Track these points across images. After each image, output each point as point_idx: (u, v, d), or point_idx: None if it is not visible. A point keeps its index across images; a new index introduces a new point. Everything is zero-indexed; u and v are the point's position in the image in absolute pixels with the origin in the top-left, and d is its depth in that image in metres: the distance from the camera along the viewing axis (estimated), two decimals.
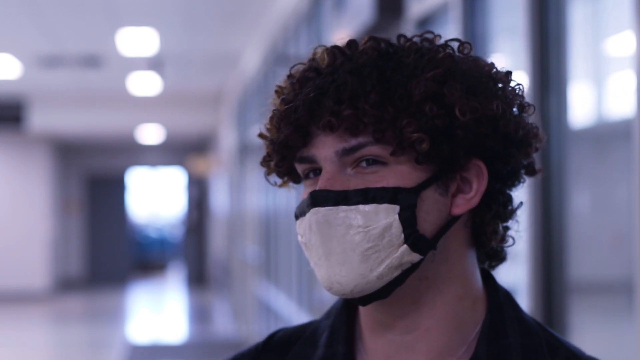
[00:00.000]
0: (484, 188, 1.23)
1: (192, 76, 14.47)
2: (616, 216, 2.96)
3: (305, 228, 1.23)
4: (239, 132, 13.61)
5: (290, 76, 1.28)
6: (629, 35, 2.56)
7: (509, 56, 4.06)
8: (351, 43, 1.25)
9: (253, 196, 11.77)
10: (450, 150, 1.20)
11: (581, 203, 3.12)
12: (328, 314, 1.34)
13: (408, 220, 1.19)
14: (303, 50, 7.69)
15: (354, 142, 1.20)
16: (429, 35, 1.26)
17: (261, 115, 1.36)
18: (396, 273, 1.20)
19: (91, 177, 22.34)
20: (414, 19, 4.28)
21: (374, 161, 1.20)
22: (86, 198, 22.14)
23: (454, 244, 1.24)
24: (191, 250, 21.22)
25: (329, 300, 6.50)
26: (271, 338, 1.36)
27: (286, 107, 1.24)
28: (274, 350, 1.34)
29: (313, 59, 1.26)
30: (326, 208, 1.20)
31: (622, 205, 2.83)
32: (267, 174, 1.31)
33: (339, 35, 5.51)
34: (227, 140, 15.62)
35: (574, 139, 3.07)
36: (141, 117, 17.41)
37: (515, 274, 3.93)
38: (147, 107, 16.86)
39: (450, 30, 3.93)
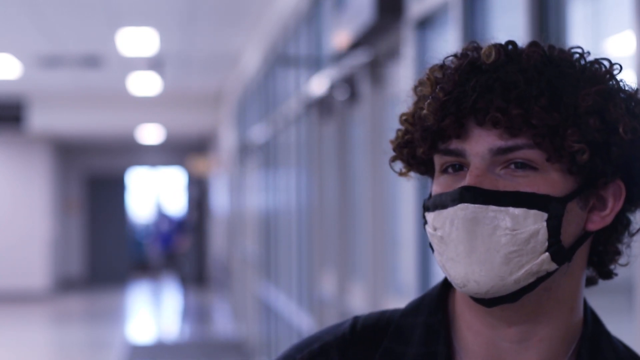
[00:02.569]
0: (619, 208, 1.25)
1: (192, 76, 14.47)
2: None
3: (445, 222, 1.22)
4: (239, 132, 13.61)
5: (443, 67, 1.26)
6: (629, 35, 2.56)
7: None
8: (512, 44, 1.25)
9: (253, 196, 11.78)
10: (603, 166, 1.21)
11: None
12: (416, 310, 1.32)
13: (554, 229, 1.20)
14: (303, 51, 7.69)
15: (511, 142, 1.19)
16: (579, 50, 1.27)
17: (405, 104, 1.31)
18: (531, 279, 1.20)
19: (91, 177, 22.34)
20: (414, 19, 4.28)
21: (524, 165, 1.20)
22: (86, 198, 22.14)
23: (579, 259, 1.25)
24: (191, 250, 21.22)
25: (329, 300, 6.50)
26: (355, 326, 1.33)
27: (446, 96, 1.22)
28: (364, 342, 1.32)
29: (466, 54, 1.26)
30: (476, 205, 1.19)
31: None
32: (392, 160, 1.30)
33: (339, 35, 5.52)
34: (227, 140, 15.63)
35: None
36: (141, 117, 17.42)
37: None
38: (147, 107, 16.86)
39: (450, 31, 3.93)
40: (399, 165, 1.32)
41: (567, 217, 1.21)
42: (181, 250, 19.91)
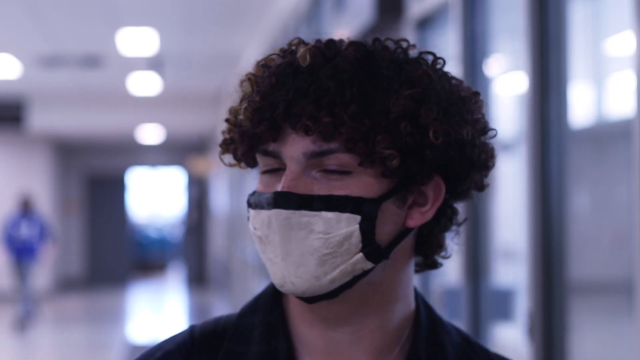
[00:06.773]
0: (440, 203, 1.27)
1: (192, 76, 14.47)
2: (616, 216, 2.96)
3: (263, 223, 1.24)
4: None
5: (265, 66, 1.27)
6: (629, 35, 2.56)
7: (509, 56, 4.06)
8: (330, 44, 1.25)
9: None
10: (417, 168, 1.22)
11: (581, 203, 3.12)
12: (253, 310, 1.34)
13: (368, 231, 1.22)
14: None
15: (325, 146, 1.21)
16: (404, 44, 1.26)
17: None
18: (347, 278, 1.23)
19: (91, 177, 22.34)
20: (414, 19, 4.28)
21: (339, 169, 1.22)
22: (86, 198, 22.14)
23: (401, 252, 1.27)
24: (191, 250, 21.23)
25: None
26: (193, 333, 1.34)
27: (262, 101, 1.23)
28: (205, 347, 1.33)
29: (290, 52, 1.26)
30: (289, 211, 1.21)
31: (622, 205, 2.83)
32: (222, 153, 1.31)
33: (339, 35, 5.52)
34: None
35: (574, 139, 3.07)
36: (141, 117, 17.41)
37: (515, 274, 3.93)
38: (147, 107, 16.86)
39: (450, 31, 3.93)
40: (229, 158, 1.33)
41: (382, 217, 1.22)
42: (45, 262, 15.71)
